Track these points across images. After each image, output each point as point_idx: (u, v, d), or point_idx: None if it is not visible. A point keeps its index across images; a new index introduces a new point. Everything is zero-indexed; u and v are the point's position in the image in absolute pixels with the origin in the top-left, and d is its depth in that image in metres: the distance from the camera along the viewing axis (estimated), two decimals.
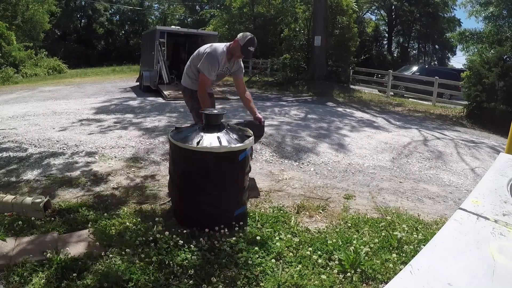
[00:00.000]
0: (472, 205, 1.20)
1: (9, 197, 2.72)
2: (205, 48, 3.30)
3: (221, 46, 3.28)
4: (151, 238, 2.34)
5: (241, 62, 3.48)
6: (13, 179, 3.52)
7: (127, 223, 2.58)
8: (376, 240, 2.47)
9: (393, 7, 29.04)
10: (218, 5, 26.26)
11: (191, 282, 1.96)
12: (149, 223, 2.60)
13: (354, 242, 2.43)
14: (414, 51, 33.37)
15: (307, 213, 3.00)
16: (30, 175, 3.63)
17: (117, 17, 37.46)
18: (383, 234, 2.57)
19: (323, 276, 2.02)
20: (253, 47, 3.24)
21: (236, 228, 2.49)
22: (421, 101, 12.56)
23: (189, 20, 35.78)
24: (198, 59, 3.25)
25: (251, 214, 2.80)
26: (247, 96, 3.48)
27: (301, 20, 16.07)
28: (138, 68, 16.16)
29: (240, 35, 3.26)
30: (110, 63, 26.75)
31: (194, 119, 3.49)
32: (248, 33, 3.28)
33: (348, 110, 9.36)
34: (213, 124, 2.61)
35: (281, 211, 2.95)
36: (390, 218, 2.94)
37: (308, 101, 10.67)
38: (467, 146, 6.10)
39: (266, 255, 2.24)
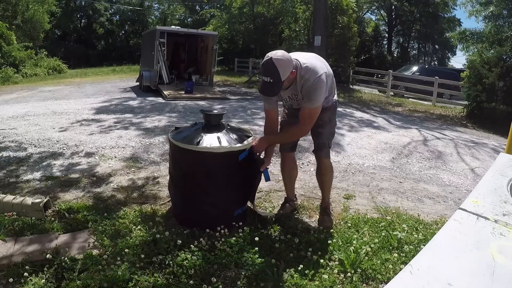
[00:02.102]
0: (472, 205, 1.20)
1: (9, 197, 2.72)
2: None
3: None
4: (151, 238, 2.34)
5: (312, 88, 2.32)
6: (13, 179, 3.52)
7: (127, 223, 2.58)
8: (376, 240, 2.46)
9: (393, 7, 29.02)
10: (218, 5, 26.25)
11: (191, 282, 1.96)
12: (149, 223, 2.60)
13: (354, 242, 2.43)
14: (414, 51, 33.36)
15: (307, 213, 3.00)
16: (30, 175, 3.63)
17: (117, 17, 37.48)
18: (383, 234, 2.57)
19: (323, 276, 2.02)
20: (263, 75, 2.25)
21: (236, 228, 2.49)
22: (421, 101, 12.57)
23: (189, 20, 35.76)
24: None
25: (251, 214, 2.80)
26: (287, 130, 2.67)
27: (301, 20, 16.07)
28: (138, 68, 16.16)
29: None
30: (110, 63, 26.78)
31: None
32: (270, 53, 2.28)
33: (348, 110, 9.35)
34: (213, 124, 2.61)
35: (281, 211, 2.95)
36: (390, 218, 2.94)
37: None
38: (467, 146, 6.10)
39: (266, 255, 2.24)
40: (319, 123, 2.58)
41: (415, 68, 16.71)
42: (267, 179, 2.68)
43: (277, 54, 2.25)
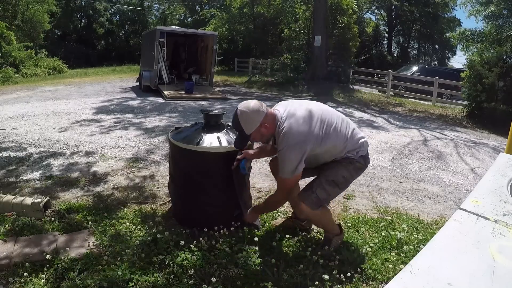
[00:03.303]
0: (472, 205, 1.20)
1: (9, 197, 2.72)
2: None
3: None
4: (151, 238, 2.33)
5: (280, 156, 2.08)
6: (13, 179, 3.52)
7: (127, 223, 2.58)
8: (376, 240, 2.46)
9: (393, 7, 29.03)
10: (218, 5, 26.23)
11: (191, 282, 1.96)
12: (149, 223, 2.60)
13: (354, 242, 2.43)
14: (414, 51, 33.35)
15: None
16: (30, 175, 3.63)
17: (117, 17, 37.45)
18: (383, 234, 2.57)
19: (323, 276, 2.02)
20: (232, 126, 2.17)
21: (236, 228, 2.48)
22: (421, 101, 12.56)
23: (189, 20, 35.74)
24: None
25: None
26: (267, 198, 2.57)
27: (301, 20, 16.07)
28: (138, 68, 16.16)
29: None
30: (110, 63, 26.77)
31: None
32: (241, 103, 2.12)
33: (348, 110, 9.35)
34: (213, 124, 2.61)
35: (281, 211, 2.94)
36: (390, 218, 2.94)
37: None
38: (467, 146, 6.10)
39: (266, 255, 2.24)
40: (323, 166, 2.22)
41: (415, 68, 16.69)
42: (243, 172, 2.40)
43: (244, 105, 2.06)
